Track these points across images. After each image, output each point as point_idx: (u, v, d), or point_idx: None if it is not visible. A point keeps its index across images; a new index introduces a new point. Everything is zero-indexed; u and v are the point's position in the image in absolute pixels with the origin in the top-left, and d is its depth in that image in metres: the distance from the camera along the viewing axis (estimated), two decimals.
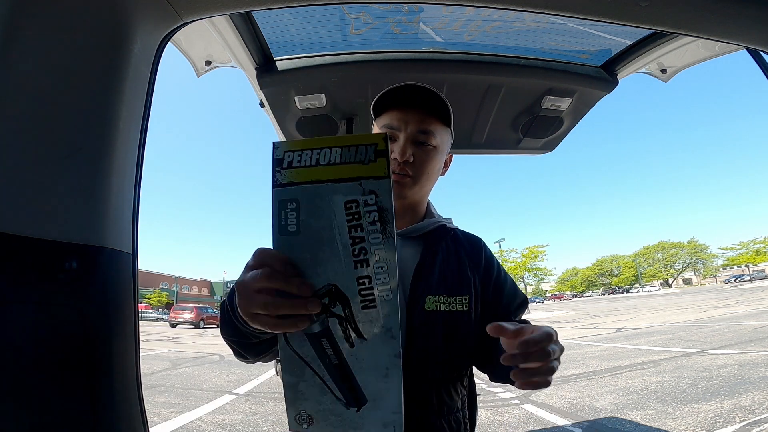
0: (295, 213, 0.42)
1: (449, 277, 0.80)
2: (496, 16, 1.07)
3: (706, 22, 0.69)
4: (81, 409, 0.52)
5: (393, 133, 0.80)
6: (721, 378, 4.30)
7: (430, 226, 0.85)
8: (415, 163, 0.78)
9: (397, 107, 0.81)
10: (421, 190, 0.83)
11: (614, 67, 1.27)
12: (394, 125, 0.79)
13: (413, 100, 0.79)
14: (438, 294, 0.77)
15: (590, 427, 3.22)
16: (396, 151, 0.78)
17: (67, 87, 0.56)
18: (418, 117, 0.79)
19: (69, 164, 0.55)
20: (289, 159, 0.43)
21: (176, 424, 3.68)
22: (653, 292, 59.48)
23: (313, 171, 0.43)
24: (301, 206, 0.42)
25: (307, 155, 0.43)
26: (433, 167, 0.81)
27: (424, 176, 0.80)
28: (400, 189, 0.79)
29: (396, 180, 0.79)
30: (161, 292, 48.29)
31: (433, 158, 0.81)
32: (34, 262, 0.51)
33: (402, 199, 0.81)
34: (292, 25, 1.12)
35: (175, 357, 8.80)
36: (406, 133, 0.78)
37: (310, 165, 0.43)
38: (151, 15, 0.63)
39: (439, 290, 0.77)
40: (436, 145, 0.80)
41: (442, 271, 0.80)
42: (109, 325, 0.56)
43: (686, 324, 10.46)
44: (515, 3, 0.67)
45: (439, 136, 0.81)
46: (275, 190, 0.43)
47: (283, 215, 0.43)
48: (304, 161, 0.43)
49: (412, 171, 0.79)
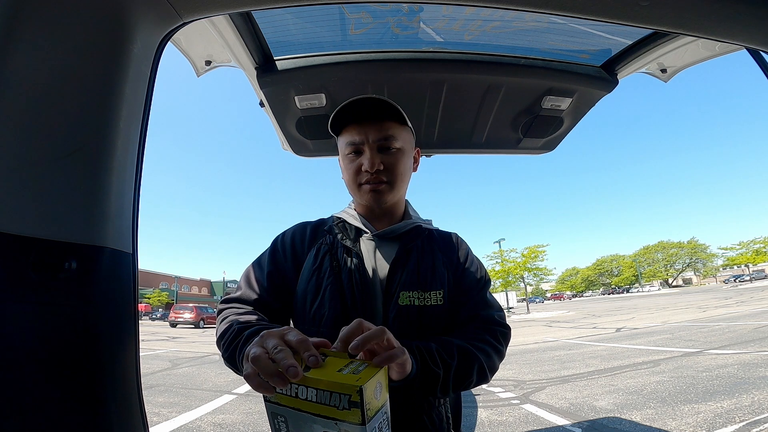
0: (285, 425, 0.48)
1: (422, 273, 0.84)
2: (496, 15, 1.07)
3: (706, 22, 0.69)
4: (81, 409, 0.52)
5: (357, 147, 0.84)
6: (721, 378, 4.30)
7: (407, 227, 0.90)
8: (386, 168, 0.84)
9: (353, 122, 0.85)
10: (398, 192, 0.88)
11: (614, 66, 1.27)
12: (356, 140, 0.84)
13: (367, 112, 0.83)
14: (411, 289, 0.81)
15: (590, 427, 3.21)
16: (365, 163, 0.83)
17: (67, 87, 0.56)
18: (376, 126, 0.83)
19: (69, 164, 0.54)
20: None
21: (176, 424, 3.68)
22: (653, 291, 59.49)
23: (294, 400, 0.46)
24: (289, 422, 0.47)
25: (287, 386, 0.46)
26: (403, 168, 0.86)
27: (397, 178, 0.86)
28: (379, 196, 0.85)
29: (373, 189, 0.84)
30: (161, 292, 48.28)
31: (401, 159, 0.86)
32: (34, 262, 0.51)
33: (382, 204, 0.86)
34: (292, 25, 1.12)
35: (175, 357, 8.79)
36: (369, 144, 0.83)
37: (291, 395, 0.46)
38: (151, 15, 0.63)
39: (412, 286, 0.81)
40: (399, 147, 0.85)
41: (416, 267, 0.84)
42: (109, 325, 0.56)
43: (686, 324, 10.45)
44: (515, 3, 0.67)
45: (400, 138, 0.85)
46: (267, 404, 0.48)
47: (275, 423, 0.49)
48: (285, 391, 0.46)
49: (385, 177, 0.84)
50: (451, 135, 1.54)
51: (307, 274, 0.85)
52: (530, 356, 7.24)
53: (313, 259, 0.86)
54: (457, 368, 0.71)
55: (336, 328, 0.77)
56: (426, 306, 0.80)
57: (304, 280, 0.85)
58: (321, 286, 0.82)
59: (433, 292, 0.82)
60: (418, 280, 0.82)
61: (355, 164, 0.85)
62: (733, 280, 50.40)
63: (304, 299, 0.83)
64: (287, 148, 1.63)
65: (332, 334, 0.76)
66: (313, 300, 0.82)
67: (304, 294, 0.83)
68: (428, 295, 0.81)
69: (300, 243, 0.90)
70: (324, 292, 0.81)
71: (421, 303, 0.80)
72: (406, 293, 0.80)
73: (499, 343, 0.82)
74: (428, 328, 0.80)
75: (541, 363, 6.52)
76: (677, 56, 1.24)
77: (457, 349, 0.73)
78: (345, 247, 0.86)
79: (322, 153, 1.63)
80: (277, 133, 1.56)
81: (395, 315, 0.78)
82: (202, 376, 6.38)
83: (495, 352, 0.80)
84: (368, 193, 0.84)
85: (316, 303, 0.81)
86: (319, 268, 0.84)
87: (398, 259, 0.84)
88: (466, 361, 0.73)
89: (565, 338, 9.88)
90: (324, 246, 0.88)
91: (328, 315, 0.79)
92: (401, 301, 0.79)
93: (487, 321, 0.84)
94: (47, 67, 0.55)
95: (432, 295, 0.82)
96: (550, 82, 1.28)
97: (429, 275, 0.84)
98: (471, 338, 0.78)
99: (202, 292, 62.43)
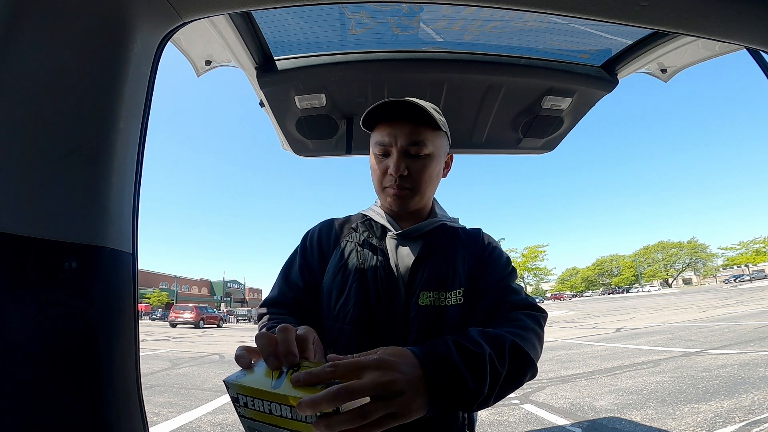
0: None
1: (444, 272, 0.82)
2: (496, 15, 1.07)
3: (706, 22, 0.69)
4: (81, 408, 0.52)
5: (386, 149, 0.82)
6: (721, 378, 4.30)
7: (431, 225, 0.88)
8: (410, 175, 0.81)
9: (386, 121, 0.82)
10: (423, 198, 0.86)
11: (614, 66, 1.27)
12: (385, 141, 0.81)
13: (401, 114, 0.80)
14: (431, 289, 0.79)
15: (590, 427, 3.21)
16: (391, 166, 0.81)
17: (67, 87, 0.56)
18: (407, 129, 0.80)
19: (69, 164, 0.54)
20: (243, 401, 0.46)
21: (176, 424, 3.68)
22: (653, 291, 59.48)
23: (268, 416, 0.45)
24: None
25: (259, 403, 0.45)
26: (429, 175, 0.84)
27: (422, 186, 0.83)
28: (401, 201, 0.83)
29: (395, 194, 0.82)
30: (161, 292, 48.29)
31: (428, 166, 0.83)
32: (34, 261, 0.51)
33: (404, 209, 0.85)
34: (292, 25, 1.12)
35: (175, 357, 8.80)
36: (398, 147, 0.80)
37: (265, 412, 0.45)
38: (151, 15, 0.63)
39: (433, 285, 0.80)
40: (429, 153, 0.82)
41: (438, 267, 0.82)
42: (109, 325, 0.56)
43: (686, 324, 10.46)
44: (515, 3, 0.67)
45: (431, 143, 0.81)
46: (241, 419, 0.48)
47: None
48: (258, 407, 0.45)
49: (409, 183, 0.82)
50: (450, 135, 1.54)
51: (333, 271, 0.85)
52: None
53: (339, 256, 0.86)
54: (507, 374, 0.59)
55: (360, 325, 0.79)
56: (447, 306, 0.79)
57: (330, 276, 0.85)
58: (347, 284, 0.82)
59: (453, 291, 0.80)
60: (439, 280, 0.81)
61: (382, 166, 0.83)
62: (733, 280, 50.38)
63: (330, 296, 0.83)
64: (287, 148, 1.63)
65: (356, 331, 0.78)
66: (339, 297, 0.82)
67: (330, 290, 0.83)
68: (449, 295, 0.80)
69: (326, 239, 0.91)
70: (350, 289, 0.81)
71: (441, 303, 0.79)
72: (426, 293, 0.79)
73: (541, 328, 0.74)
74: (447, 328, 0.78)
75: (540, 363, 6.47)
76: (677, 56, 1.24)
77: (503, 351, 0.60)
78: (371, 245, 0.85)
79: (322, 153, 1.63)
80: (277, 133, 1.56)
81: (415, 314, 0.78)
82: (202, 376, 6.38)
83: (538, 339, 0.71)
84: (391, 197, 0.83)
85: (342, 300, 0.81)
86: (345, 266, 0.84)
87: (420, 258, 0.83)
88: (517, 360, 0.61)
89: (565, 338, 9.87)
90: (350, 243, 0.87)
91: (352, 313, 0.79)
92: (421, 301, 0.78)
93: (525, 306, 0.76)
94: (47, 67, 0.55)
95: (452, 295, 0.80)
96: (550, 82, 1.28)
97: (450, 274, 0.82)
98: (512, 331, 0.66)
99: (202, 292, 62.46)
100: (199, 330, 20.74)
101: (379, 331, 0.77)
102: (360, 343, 0.77)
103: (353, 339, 0.78)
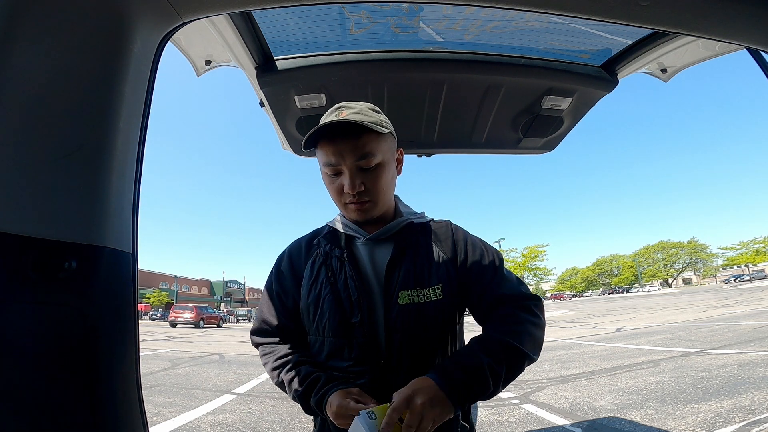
0: None
1: (420, 269, 0.83)
2: (496, 15, 1.07)
3: (706, 22, 0.69)
4: (80, 408, 0.52)
5: (335, 168, 0.81)
6: (720, 378, 4.30)
7: (399, 225, 0.89)
8: (367, 188, 0.81)
9: (328, 139, 0.80)
10: (385, 204, 0.87)
11: (614, 66, 1.27)
12: (332, 161, 0.80)
13: (342, 130, 0.78)
14: (409, 288, 0.81)
15: (590, 427, 3.21)
16: (345, 184, 0.80)
17: (67, 87, 0.56)
18: (350, 143, 0.78)
19: (69, 164, 0.54)
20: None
21: (176, 424, 3.68)
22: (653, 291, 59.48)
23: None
24: None
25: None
26: (385, 183, 0.84)
27: (380, 195, 0.84)
28: (365, 213, 0.84)
29: (357, 209, 0.83)
30: (161, 292, 48.27)
31: (382, 175, 0.83)
32: (34, 261, 0.51)
33: (370, 218, 0.86)
34: (292, 25, 1.12)
35: (175, 357, 8.80)
36: (347, 165, 0.79)
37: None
38: (151, 14, 0.63)
39: (410, 284, 0.81)
40: (379, 162, 0.81)
41: (413, 265, 0.83)
42: (109, 324, 0.56)
43: (686, 324, 10.45)
44: (515, 3, 0.67)
45: (379, 151, 0.80)
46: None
47: None
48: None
49: (368, 196, 0.82)
50: (451, 135, 1.54)
51: (306, 289, 0.87)
52: None
53: (309, 273, 0.88)
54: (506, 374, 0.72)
55: (339, 335, 0.81)
56: (425, 302, 0.81)
57: (305, 295, 0.87)
58: (320, 298, 0.84)
59: (431, 287, 0.82)
60: (415, 278, 0.82)
61: (336, 185, 0.83)
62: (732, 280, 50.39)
63: (308, 312, 0.86)
64: (287, 148, 1.63)
65: (336, 340, 0.81)
66: (315, 312, 0.84)
67: (307, 307, 0.86)
68: (427, 292, 0.81)
69: (297, 260, 0.92)
70: (323, 303, 0.83)
71: (421, 300, 0.80)
72: (405, 292, 0.80)
73: (535, 316, 0.80)
74: (429, 325, 0.80)
75: (540, 363, 6.51)
76: (677, 56, 1.24)
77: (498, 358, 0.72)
78: (336, 257, 0.86)
79: None
80: (277, 133, 1.56)
81: (397, 314, 0.79)
82: (202, 376, 6.38)
83: (534, 327, 0.78)
84: (353, 211, 0.84)
85: (318, 314, 0.83)
86: (316, 281, 0.86)
87: (394, 259, 0.84)
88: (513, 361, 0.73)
89: (565, 338, 9.87)
90: (318, 258, 0.89)
91: (329, 324, 0.81)
92: (401, 300, 0.80)
93: (514, 299, 0.82)
94: (47, 67, 0.55)
95: (431, 291, 0.81)
96: (550, 81, 1.28)
97: (426, 271, 0.83)
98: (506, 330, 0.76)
99: (202, 292, 62.43)
100: (199, 330, 20.74)
101: (360, 337, 0.79)
102: (341, 349, 0.80)
103: (336, 347, 0.81)
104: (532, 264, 34.83)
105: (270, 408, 4.26)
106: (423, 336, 0.80)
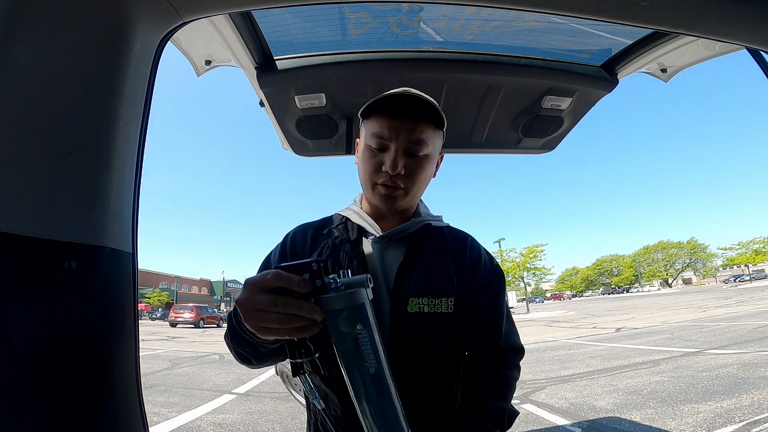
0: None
1: (433, 277, 0.79)
2: (496, 15, 1.07)
3: (706, 22, 0.69)
4: (80, 408, 0.52)
5: (383, 143, 0.77)
6: (720, 378, 4.30)
7: (415, 226, 0.84)
8: (406, 174, 0.77)
9: (387, 115, 0.77)
10: (413, 199, 0.82)
11: (614, 66, 1.27)
12: (384, 135, 0.76)
13: (405, 110, 0.76)
14: (421, 296, 0.76)
15: (590, 426, 3.22)
16: (387, 163, 0.75)
17: (67, 86, 0.56)
18: (409, 126, 0.75)
19: (69, 164, 0.54)
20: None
21: (176, 424, 3.68)
22: (653, 291, 59.50)
23: None
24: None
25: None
26: (424, 176, 0.80)
27: (415, 187, 0.79)
28: (391, 201, 0.78)
29: (387, 193, 0.78)
30: (161, 292, 48.26)
31: (425, 167, 0.79)
32: (34, 262, 0.51)
33: (393, 209, 0.80)
34: (292, 25, 1.12)
35: (174, 356, 8.80)
36: (397, 144, 0.75)
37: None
38: (151, 14, 0.63)
39: (422, 292, 0.76)
40: (427, 154, 0.78)
41: (426, 271, 0.79)
42: (109, 325, 0.56)
43: (686, 324, 10.46)
44: (515, 3, 0.67)
45: (431, 143, 0.78)
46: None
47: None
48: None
49: (403, 183, 0.77)
50: (450, 135, 1.53)
51: None
52: (530, 356, 7.22)
53: None
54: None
55: None
56: (437, 313, 0.76)
57: None
58: None
59: (444, 299, 0.77)
60: (429, 286, 0.77)
61: (376, 161, 0.77)
62: (732, 280, 50.42)
63: None
64: (287, 148, 1.63)
65: None
66: None
67: None
68: (439, 302, 0.76)
69: (301, 247, 0.85)
70: None
71: (432, 310, 0.75)
72: (415, 299, 0.75)
73: (518, 371, 0.83)
74: (438, 337, 0.76)
75: (540, 363, 6.52)
76: (677, 56, 1.24)
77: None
78: (346, 251, 0.81)
79: (322, 153, 1.63)
80: (277, 133, 1.56)
81: (404, 323, 0.74)
82: (202, 376, 6.38)
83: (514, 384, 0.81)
84: (381, 195, 0.79)
85: None
86: None
87: (406, 262, 0.79)
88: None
89: (564, 338, 9.88)
90: (326, 249, 0.83)
91: None
92: (410, 308, 0.75)
93: (505, 354, 0.82)
94: (47, 67, 0.55)
95: (443, 302, 0.76)
96: (550, 81, 1.28)
97: (441, 281, 0.79)
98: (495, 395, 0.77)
99: (202, 292, 62.44)
100: (199, 330, 20.74)
101: None
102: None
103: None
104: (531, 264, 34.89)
105: (270, 408, 4.26)
106: (429, 349, 0.75)
